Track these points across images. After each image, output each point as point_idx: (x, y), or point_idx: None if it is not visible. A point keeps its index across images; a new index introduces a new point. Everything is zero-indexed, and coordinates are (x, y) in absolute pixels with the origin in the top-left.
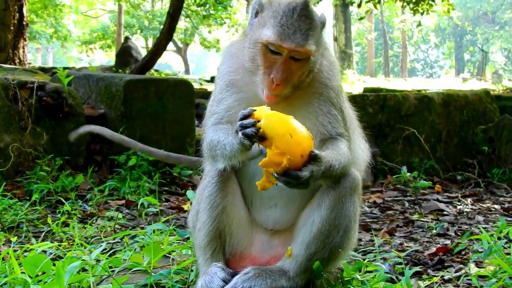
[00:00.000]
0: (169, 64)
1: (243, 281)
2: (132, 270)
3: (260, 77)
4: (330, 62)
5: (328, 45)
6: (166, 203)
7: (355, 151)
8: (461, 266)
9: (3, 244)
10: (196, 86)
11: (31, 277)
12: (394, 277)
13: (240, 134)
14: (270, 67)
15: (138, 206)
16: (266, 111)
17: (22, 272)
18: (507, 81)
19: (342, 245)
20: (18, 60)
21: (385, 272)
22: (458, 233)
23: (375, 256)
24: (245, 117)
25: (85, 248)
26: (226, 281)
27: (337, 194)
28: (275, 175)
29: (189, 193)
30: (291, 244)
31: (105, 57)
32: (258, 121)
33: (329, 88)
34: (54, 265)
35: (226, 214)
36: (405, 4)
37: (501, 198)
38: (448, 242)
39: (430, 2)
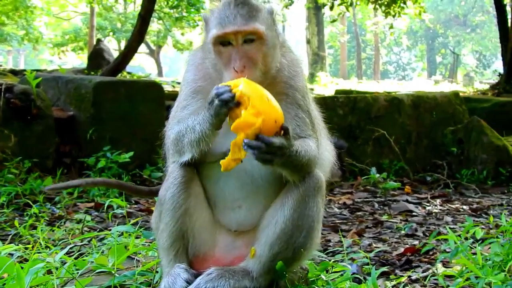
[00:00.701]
0: (142, 66)
1: (206, 281)
2: (97, 272)
3: (225, 76)
4: (290, 60)
5: (287, 43)
6: (135, 206)
7: (321, 152)
8: (429, 266)
9: None
10: (168, 88)
11: None
12: (361, 278)
13: (216, 101)
14: (229, 61)
15: (106, 208)
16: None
17: None
18: (478, 84)
19: (305, 245)
20: None
21: (352, 273)
22: (426, 234)
23: (343, 257)
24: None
25: (51, 250)
26: (189, 282)
27: (301, 194)
28: (246, 140)
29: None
30: (254, 244)
31: (77, 60)
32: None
33: (294, 89)
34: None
35: (189, 215)
36: (377, 6)
37: (470, 199)
38: (416, 242)
39: (402, 4)
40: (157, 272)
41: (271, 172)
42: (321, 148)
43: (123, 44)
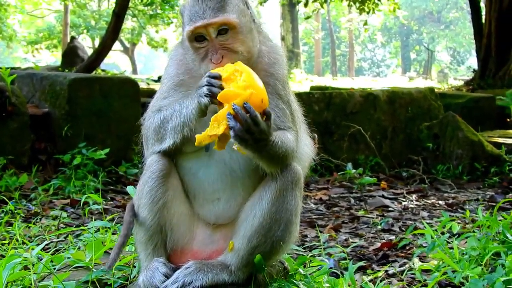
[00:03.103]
0: (116, 64)
1: (185, 275)
2: (74, 266)
3: (204, 69)
4: (270, 47)
5: (264, 30)
6: (111, 202)
7: (300, 147)
8: (405, 260)
9: None
10: (143, 85)
11: None
12: (338, 272)
13: (205, 81)
14: (206, 56)
15: (82, 204)
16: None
17: None
18: (452, 80)
19: (284, 238)
20: None
21: (329, 267)
22: (403, 229)
23: (320, 252)
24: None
25: (27, 246)
26: (167, 276)
27: (279, 187)
28: (234, 106)
29: (130, 188)
30: (232, 238)
31: (52, 57)
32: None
33: (274, 78)
34: None
35: (166, 209)
36: (351, 3)
37: (446, 194)
38: (392, 237)
39: (376, 1)
40: (134, 266)
41: (249, 164)
42: (300, 142)
43: (97, 42)
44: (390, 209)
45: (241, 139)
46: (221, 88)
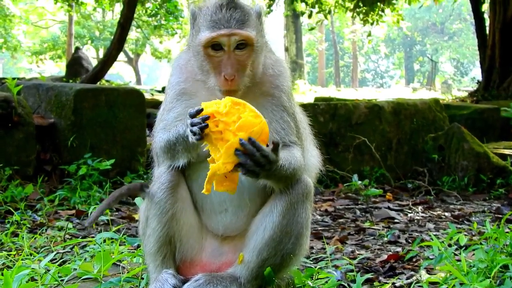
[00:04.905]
0: (120, 74)
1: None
2: (82, 278)
3: (213, 80)
4: (275, 60)
5: (269, 44)
6: (117, 213)
7: (307, 158)
8: (412, 273)
9: None
10: (147, 96)
11: None
12: (345, 284)
13: (188, 131)
14: (218, 67)
15: (89, 215)
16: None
17: None
18: (456, 91)
19: (294, 251)
20: None
21: (337, 280)
22: (409, 241)
23: (326, 264)
24: (196, 113)
25: (34, 257)
26: None
27: (289, 200)
28: (242, 141)
29: (138, 200)
30: (242, 250)
31: (56, 68)
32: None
33: (280, 89)
34: (2, 274)
35: (176, 220)
36: (355, 14)
37: (451, 206)
38: (399, 249)
39: (380, 12)
40: (142, 278)
41: None
42: (307, 154)
43: (101, 52)
44: (396, 220)
45: (252, 173)
46: (203, 122)
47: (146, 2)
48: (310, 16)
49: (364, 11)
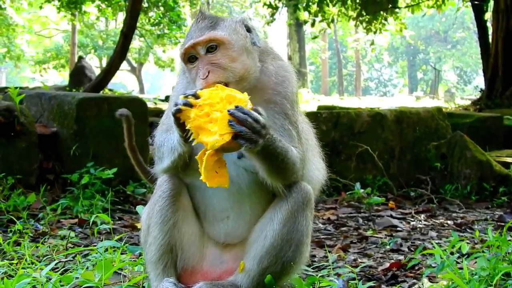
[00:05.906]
0: (123, 83)
1: None
2: (83, 287)
3: (198, 86)
4: (278, 66)
5: (274, 50)
6: (119, 222)
7: (310, 170)
8: (415, 281)
9: None
10: (150, 105)
11: None
12: None
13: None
14: (197, 72)
15: (91, 224)
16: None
17: None
18: (459, 100)
19: (295, 259)
20: None
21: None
22: (412, 249)
23: (328, 272)
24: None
25: (36, 266)
26: None
27: (290, 208)
28: (231, 111)
29: (139, 208)
30: (243, 258)
31: (59, 77)
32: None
33: (282, 96)
34: (3, 283)
35: (177, 228)
36: (358, 23)
37: (454, 214)
38: (401, 257)
39: (383, 21)
40: (143, 287)
41: (256, 181)
42: (311, 166)
43: (104, 61)
44: (398, 229)
45: (252, 141)
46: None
47: (149, 11)
48: (313, 24)
49: (367, 19)
